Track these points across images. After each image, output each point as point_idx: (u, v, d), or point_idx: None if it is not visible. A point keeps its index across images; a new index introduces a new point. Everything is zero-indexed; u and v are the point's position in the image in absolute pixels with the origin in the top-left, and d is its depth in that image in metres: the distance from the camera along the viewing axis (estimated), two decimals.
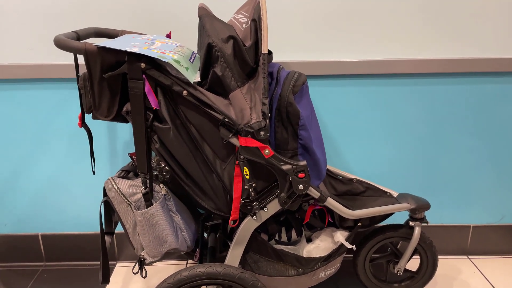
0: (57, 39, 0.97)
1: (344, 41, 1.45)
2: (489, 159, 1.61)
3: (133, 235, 1.18)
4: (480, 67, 1.48)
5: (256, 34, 1.05)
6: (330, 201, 1.18)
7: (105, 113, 1.05)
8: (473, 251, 1.74)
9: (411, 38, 1.45)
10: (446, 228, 1.71)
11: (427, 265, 1.43)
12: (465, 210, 1.69)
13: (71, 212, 1.67)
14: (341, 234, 1.27)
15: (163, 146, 1.06)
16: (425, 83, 1.50)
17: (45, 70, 1.46)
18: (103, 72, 0.98)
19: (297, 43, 1.45)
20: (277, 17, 1.42)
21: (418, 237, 1.34)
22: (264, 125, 1.00)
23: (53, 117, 1.54)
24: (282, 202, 1.12)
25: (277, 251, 1.22)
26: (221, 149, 1.08)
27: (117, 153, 1.59)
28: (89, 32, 1.17)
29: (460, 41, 1.46)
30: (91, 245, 1.70)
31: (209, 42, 1.00)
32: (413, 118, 1.55)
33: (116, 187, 1.14)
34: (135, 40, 1.04)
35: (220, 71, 1.01)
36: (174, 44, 1.09)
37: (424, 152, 1.60)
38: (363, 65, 1.46)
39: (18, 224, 1.69)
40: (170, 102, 1.03)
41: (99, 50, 0.95)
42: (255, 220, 1.15)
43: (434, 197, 1.65)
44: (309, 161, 1.13)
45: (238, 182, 1.10)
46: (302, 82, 1.10)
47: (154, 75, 0.98)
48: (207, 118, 1.04)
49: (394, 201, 1.32)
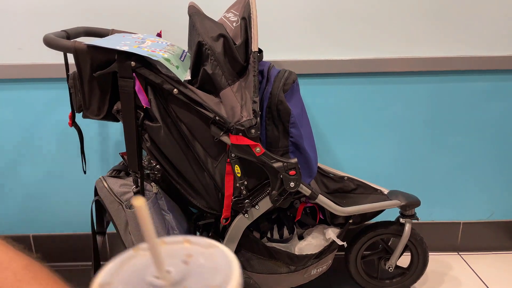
0: (46, 37, 0.97)
1: (335, 40, 1.46)
2: (479, 156, 1.63)
3: (125, 234, 1.18)
4: (469, 65, 1.49)
5: (246, 33, 1.05)
6: (321, 198, 1.19)
7: (95, 112, 1.04)
8: (464, 247, 1.75)
9: (401, 37, 1.47)
10: (437, 225, 1.72)
11: (418, 261, 1.44)
12: (455, 206, 1.70)
13: (63, 212, 1.66)
14: (333, 231, 1.27)
15: (154, 145, 1.06)
16: (415, 81, 1.52)
17: (34, 70, 1.45)
18: (93, 70, 0.98)
19: (288, 42, 1.46)
20: (268, 16, 1.42)
21: (409, 233, 1.35)
22: (255, 123, 1.01)
23: (43, 117, 1.53)
24: (274, 199, 1.12)
25: (269, 249, 1.23)
26: (212, 147, 1.08)
27: (108, 153, 1.58)
28: (79, 31, 1.17)
29: (449, 39, 1.47)
30: (83, 245, 1.70)
31: (199, 41, 1.00)
32: (403, 116, 1.56)
33: (107, 186, 1.14)
34: (125, 39, 1.04)
35: (210, 69, 1.01)
36: (164, 43, 1.10)
37: (414, 149, 1.61)
38: (354, 63, 1.47)
39: (9, 225, 1.67)
40: (160, 101, 1.03)
41: (89, 49, 0.95)
42: (247, 218, 1.15)
43: (424, 194, 1.66)
44: (300, 159, 1.13)
45: (230, 180, 1.10)
46: (292, 80, 1.11)
47: (144, 73, 0.98)
48: (197, 116, 1.04)
49: (384, 198, 1.34)
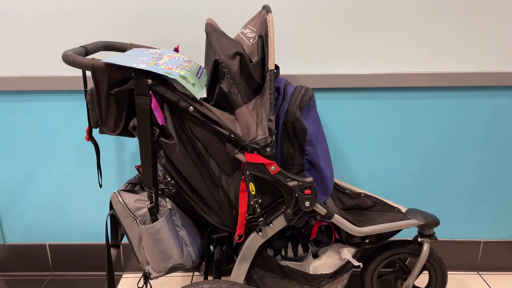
0: (65, 55, 0.98)
1: (353, 54, 1.44)
2: (499, 173, 1.59)
3: (139, 249, 1.18)
4: (490, 80, 1.46)
5: (263, 50, 1.04)
6: (337, 218, 1.16)
7: (111, 128, 1.05)
8: (484, 267, 1.71)
9: (421, 51, 1.44)
10: (456, 243, 1.68)
11: (436, 281, 1.41)
12: (476, 225, 1.66)
13: (79, 222, 1.68)
14: (348, 251, 1.25)
15: (169, 161, 1.06)
16: (435, 96, 1.49)
17: (54, 82, 1.47)
18: (110, 88, 0.98)
19: (305, 56, 1.45)
20: (285, 31, 1.41)
21: (427, 254, 1.31)
22: (270, 141, 1.00)
23: (62, 129, 1.55)
24: (288, 218, 1.11)
25: (283, 267, 1.21)
26: (227, 164, 1.08)
27: (124, 165, 1.59)
28: (97, 46, 1.18)
29: (470, 54, 1.44)
30: (98, 255, 1.71)
31: (216, 59, 1.00)
32: (422, 131, 1.53)
33: (122, 201, 1.14)
34: (142, 54, 1.04)
35: (226, 87, 1.00)
36: (181, 58, 1.10)
37: (433, 166, 1.58)
38: (371, 78, 1.45)
39: (26, 234, 1.70)
40: (176, 118, 1.03)
41: (106, 67, 0.95)
42: (261, 236, 1.14)
43: (443, 211, 1.63)
44: (316, 176, 1.12)
45: (244, 198, 1.09)
46: (309, 97, 1.10)
47: (161, 91, 0.97)
48: (213, 133, 1.04)
49: (402, 217, 1.30)
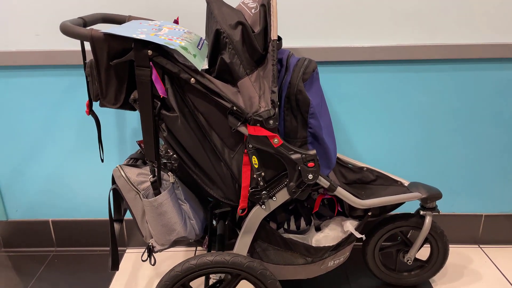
0: (63, 25, 0.96)
1: (356, 26, 1.42)
2: (502, 147, 1.58)
3: (142, 223, 1.18)
4: (495, 52, 1.43)
5: (265, 20, 1.02)
6: (340, 190, 1.16)
7: (112, 101, 1.03)
8: (485, 240, 1.72)
9: (423, 23, 1.41)
10: (458, 217, 1.68)
11: (437, 254, 1.42)
12: (477, 198, 1.66)
13: (81, 198, 1.68)
14: (351, 223, 1.25)
15: (171, 135, 1.05)
16: (438, 69, 1.47)
17: (52, 57, 1.45)
18: (109, 59, 0.96)
19: (308, 29, 1.42)
20: (287, 2, 1.38)
21: (429, 226, 1.32)
22: (273, 114, 0.98)
23: (62, 104, 1.53)
24: (291, 191, 1.11)
25: (285, 240, 1.22)
26: (230, 138, 1.07)
27: (126, 140, 1.58)
28: (96, 18, 1.15)
29: (475, 25, 1.41)
30: (101, 230, 1.72)
31: (217, 28, 0.98)
32: (425, 105, 1.52)
33: (125, 175, 1.14)
34: (142, 26, 1.02)
35: (228, 58, 0.99)
36: (181, 30, 1.07)
37: (436, 139, 1.57)
38: (375, 51, 1.43)
39: (28, 210, 1.70)
40: (177, 90, 1.01)
41: (106, 37, 0.93)
42: (264, 209, 1.14)
43: (446, 185, 1.63)
44: (319, 150, 1.11)
45: (247, 171, 1.09)
46: (312, 69, 1.08)
47: (161, 62, 0.96)
48: (215, 106, 1.02)
49: (405, 190, 1.30)
